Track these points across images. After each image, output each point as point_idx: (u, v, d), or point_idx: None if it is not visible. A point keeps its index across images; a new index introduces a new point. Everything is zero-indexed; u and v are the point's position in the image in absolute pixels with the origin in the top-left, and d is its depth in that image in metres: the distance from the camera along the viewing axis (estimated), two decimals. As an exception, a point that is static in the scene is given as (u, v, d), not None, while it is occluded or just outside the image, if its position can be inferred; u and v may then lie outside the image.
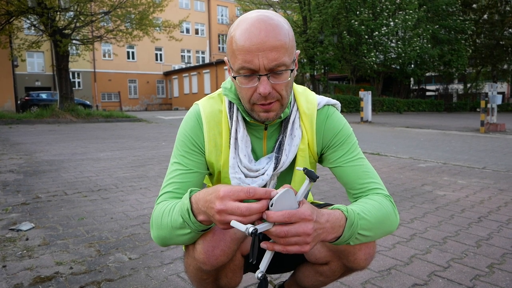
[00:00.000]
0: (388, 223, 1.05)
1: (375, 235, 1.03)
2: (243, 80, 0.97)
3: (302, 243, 0.82)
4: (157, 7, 15.34)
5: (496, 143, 7.84)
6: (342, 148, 1.14)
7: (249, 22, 0.94)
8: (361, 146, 6.89)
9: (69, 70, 16.10)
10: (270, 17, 0.95)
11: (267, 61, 0.92)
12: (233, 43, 0.96)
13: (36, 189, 3.72)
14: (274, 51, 0.92)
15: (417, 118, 18.08)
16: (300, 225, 0.81)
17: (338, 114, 1.19)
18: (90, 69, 33.64)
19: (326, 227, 0.88)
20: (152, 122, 14.36)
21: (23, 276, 1.88)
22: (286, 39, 0.95)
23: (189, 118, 1.15)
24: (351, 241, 0.97)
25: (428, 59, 25.61)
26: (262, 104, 0.99)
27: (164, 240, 1.02)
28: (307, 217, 0.81)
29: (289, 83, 1.00)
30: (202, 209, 0.87)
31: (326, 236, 0.90)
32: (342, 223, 0.93)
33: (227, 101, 1.13)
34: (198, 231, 0.93)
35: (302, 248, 0.82)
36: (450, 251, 2.18)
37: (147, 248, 2.24)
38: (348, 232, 0.94)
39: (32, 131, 10.54)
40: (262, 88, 0.95)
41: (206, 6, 40.30)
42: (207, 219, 0.89)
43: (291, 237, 0.81)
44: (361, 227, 0.97)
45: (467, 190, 3.68)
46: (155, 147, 6.99)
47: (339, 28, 23.24)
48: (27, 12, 13.96)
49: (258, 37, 0.92)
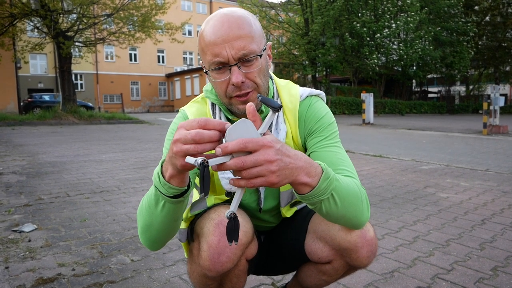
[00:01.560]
0: (358, 207, 0.96)
1: (343, 211, 0.93)
2: (216, 74, 0.99)
3: (266, 172, 0.73)
4: (159, 10, 15.38)
5: (498, 145, 7.81)
6: (322, 135, 1.12)
7: (213, 19, 0.98)
8: (363, 148, 6.84)
9: (72, 72, 16.15)
10: (233, 11, 0.99)
11: (234, 51, 0.94)
12: (201, 41, 0.99)
13: (39, 191, 3.73)
14: (239, 40, 0.95)
15: (419, 120, 18.05)
16: (259, 153, 0.72)
17: (321, 103, 1.18)
18: (93, 71, 33.71)
19: (296, 162, 0.79)
20: (154, 124, 14.38)
21: (26, 277, 1.88)
22: (250, 28, 0.97)
23: (177, 120, 1.17)
24: (324, 200, 0.87)
25: (430, 61, 25.59)
26: (238, 95, 1.00)
27: (147, 231, 0.98)
28: (266, 144, 0.73)
29: (261, 70, 1.00)
30: (167, 161, 0.84)
31: (298, 174, 0.80)
32: (319, 171, 0.85)
33: (209, 103, 1.16)
34: (169, 196, 0.88)
35: (268, 179, 0.74)
36: (453, 254, 2.17)
37: (149, 250, 2.23)
38: (324, 184, 0.85)
39: (34, 132, 10.57)
40: (234, 77, 0.96)
41: (208, 9, 40.41)
42: (173, 173, 0.83)
43: (252, 168, 0.73)
44: (335, 189, 0.88)
45: (470, 193, 3.67)
46: (157, 149, 7.00)
47: (341, 30, 23.25)
48: (31, 15, 14.02)
49: (221, 30, 0.95)
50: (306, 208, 1.27)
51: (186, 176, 0.87)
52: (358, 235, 1.06)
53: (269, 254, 1.31)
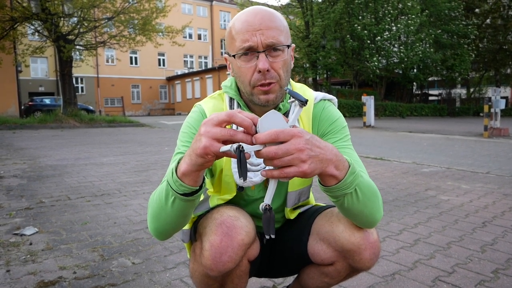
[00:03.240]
0: (376, 203, 1.00)
1: (363, 207, 0.96)
2: (242, 61, 1.02)
3: (297, 161, 0.76)
4: (160, 13, 15.43)
5: (499, 148, 7.81)
6: (336, 136, 1.14)
7: (246, 12, 1.04)
8: (364, 151, 6.86)
9: (73, 75, 16.19)
10: (265, 8, 1.04)
11: (264, 37, 0.98)
12: (232, 30, 1.03)
13: (40, 194, 3.73)
14: (270, 30, 0.99)
15: (420, 123, 18.04)
16: (290, 142, 0.75)
17: (334, 108, 1.21)
18: (93, 75, 33.78)
19: (326, 153, 0.81)
20: (155, 127, 14.40)
21: (27, 280, 1.88)
22: (280, 23, 1.03)
23: (194, 114, 1.17)
24: (348, 194, 0.90)
25: (431, 64, 25.60)
26: (261, 85, 1.02)
27: (156, 221, 0.98)
28: (296, 134, 0.75)
29: (286, 63, 1.04)
30: (186, 156, 0.84)
31: (328, 165, 0.82)
32: (346, 165, 0.87)
33: (227, 99, 1.16)
34: (179, 194, 0.88)
35: (300, 168, 0.76)
36: (454, 256, 2.17)
37: (151, 253, 2.24)
38: (350, 178, 0.87)
39: (35, 136, 10.58)
40: (261, 64, 0.99)
41: (209, 12, 40.52)
42: (188, 168, 0.84)
43: (283, 157, 0.75)
44: (358, 184, 0.91)
45: (471, 195, 3.67)
46: (158, 152, 7.01)
47: (341, 33, 23.29)
48: (31, 18, 14.08)
49: (255, 19, 1.00)
50: (309, 210, 1.28)
51: (199, 176, 0.87)
52: (362, 237, 1.06)
53: (271, 256, 1.31)
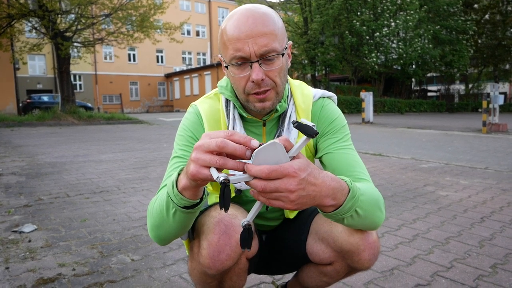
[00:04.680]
0: (376, 214, 0.98)
1: (365, 220, 0.95)
2: (236, 70, 0.98)
3: (284, 199, 0.74)
4: (158, 9, 15.38)
5: (498, 143, 7.82)
6: (335, 136, 1.13)
7: (237, 14, 0.97)
8: (363, 147, 6.85)
9: (71, 72, 16.16)
10: (258, 7, 0.98)
11: (257, 47, 0.94)
12: (224, 35, 0.98)
13: (39, 191, 3.73)
14: (263, 37, 0.94)
15: (419, 119, 18.06)
16: (282, 181, 0.72)
17: (333, 105, 1.19)
18: (92, 72, 33.68)
19: (322, 189, 0.78)
20: (154, 124, 14.38)
21: (26, 277, 1.88)
22: (274, 26, 0.96)
23: (189, 115, 1.15)
24: (347, 217, 0.89)
25: (430, 60, 25.58)
26: (256, 93, 0.99)
27: (157, 230, 0.97)
28: (291, 173, 0.72)
29: (282, 70, 1.00)
30: (184, 173, 0.82)
31: (322, 199, 0.80)
32: (345, 192, 0.85)
33: (223, 99, 1.14)
34: (180, 206, 0.87)
35: (286, 205, 0.75)
36: (453, 251, 2.18)
37: (150, 250, 2.24)
38: (349, 204, 0.86)
39: (34, 133, 10.56)
40: (255, 74, 0.95)
41: (207, 8, 40.37)
42: (187, 184, 0.81)
43: (271, 193, 0.73)
44: (359, 205, 0.89)
45: (469, 191, 3.67)
46: (157, 149, 7.00)
47: (340, 29, 23.24)
48: (29, 15, 14.01)
49: (246, 25, 0.94)
50: (308, 209, 1.27)
51: (199, 190, 0.85)
52: (361, 237, 1.05)
53: (271, 254, 1.31)
